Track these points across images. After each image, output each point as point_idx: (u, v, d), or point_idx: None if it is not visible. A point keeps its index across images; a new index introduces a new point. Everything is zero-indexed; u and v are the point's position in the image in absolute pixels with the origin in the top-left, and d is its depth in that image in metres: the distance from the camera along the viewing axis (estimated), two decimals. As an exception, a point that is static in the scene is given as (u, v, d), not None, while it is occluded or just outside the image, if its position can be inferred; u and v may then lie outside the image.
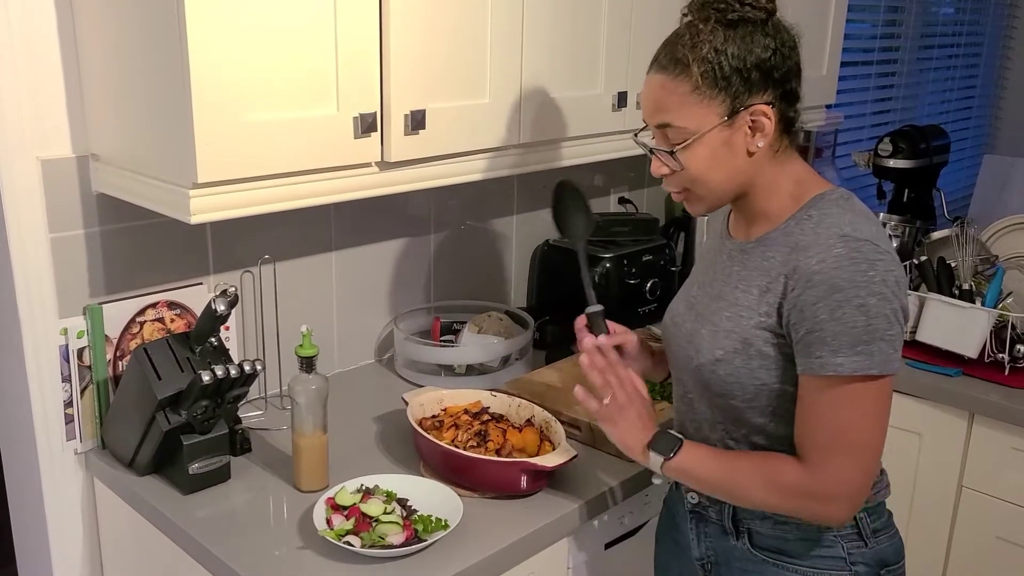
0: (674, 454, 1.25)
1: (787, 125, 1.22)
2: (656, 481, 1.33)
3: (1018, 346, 2.03)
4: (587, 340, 1.37)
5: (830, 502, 1.17)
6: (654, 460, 1.26)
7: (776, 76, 1.18)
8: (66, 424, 1.56)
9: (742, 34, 1.16)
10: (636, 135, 1.34)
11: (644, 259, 2.18)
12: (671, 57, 1.18)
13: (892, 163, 2.60)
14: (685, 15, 1.21)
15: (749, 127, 1.18)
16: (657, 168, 1.24)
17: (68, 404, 1.55)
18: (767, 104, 1.17)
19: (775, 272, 1.19)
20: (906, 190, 2.68)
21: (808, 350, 1.14)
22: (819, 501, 1.17)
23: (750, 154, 1.19)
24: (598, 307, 1.40)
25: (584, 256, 1.44)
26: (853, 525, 1.25)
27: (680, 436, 1.27)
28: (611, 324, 1.43)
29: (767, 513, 1.26)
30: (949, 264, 2.14)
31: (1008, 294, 2.10)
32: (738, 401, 1.23)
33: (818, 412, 1.15)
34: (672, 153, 1.20)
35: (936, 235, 2.36)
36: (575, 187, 1.48)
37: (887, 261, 1.12)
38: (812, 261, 1.13)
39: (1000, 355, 2.03)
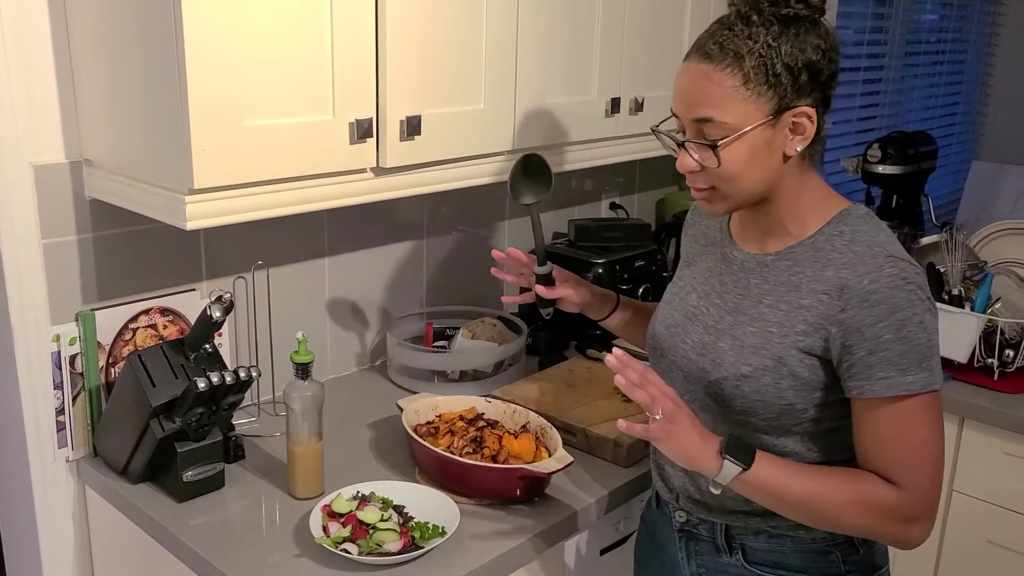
0: (753, 463, 1.13)
1: (817, 132, 1.17)
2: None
3: (1007, 351, 2.05)
4: (612, 357, 1.14)
5: (919, 523, 1.13)
6: (728, 470, 1.12)
7: (821, 79, 1.14)
8: (58, 431, 1.55)
9: (795, 32, 1.11)
10: (656, 127, 1.24)
11: (636, 264, 2.19)
12: (721, 47, 1.11)
13: (881, 169, 2.62)
14: (733, 4, 1.14)
15: (790, 129, 1.14)
16: (686, 164, 1.16)
17: (60, 411, 1.54)
18: (811, 107, 1.13)
19: (810, 289, 1.16)
20: (894, 196, 2.71)
21: (869, 371, 1.11)
22: (911, 523, 1.13)
23: (786, 158, 1.15)
24: (547, 269, 1.51)
25: (537, 219, 1.52)
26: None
27: (751, 444, 1.16)
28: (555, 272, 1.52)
29: (761, 528, 1.24)
30: (938, 270, 2.15)
31: (997, 299, 2.12)
32: (759, 419, 1.19)
33: (896, 432, 1.12)
34: (714, 148, 1.12)
35: (925, 241, 2.38)
36: (539, 157, 1.50)
37: (924, 278, 1.13)
38: (865, 280, 1.10)
39: (989, 360, 2.05)
